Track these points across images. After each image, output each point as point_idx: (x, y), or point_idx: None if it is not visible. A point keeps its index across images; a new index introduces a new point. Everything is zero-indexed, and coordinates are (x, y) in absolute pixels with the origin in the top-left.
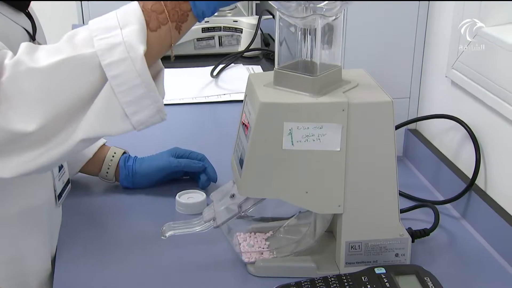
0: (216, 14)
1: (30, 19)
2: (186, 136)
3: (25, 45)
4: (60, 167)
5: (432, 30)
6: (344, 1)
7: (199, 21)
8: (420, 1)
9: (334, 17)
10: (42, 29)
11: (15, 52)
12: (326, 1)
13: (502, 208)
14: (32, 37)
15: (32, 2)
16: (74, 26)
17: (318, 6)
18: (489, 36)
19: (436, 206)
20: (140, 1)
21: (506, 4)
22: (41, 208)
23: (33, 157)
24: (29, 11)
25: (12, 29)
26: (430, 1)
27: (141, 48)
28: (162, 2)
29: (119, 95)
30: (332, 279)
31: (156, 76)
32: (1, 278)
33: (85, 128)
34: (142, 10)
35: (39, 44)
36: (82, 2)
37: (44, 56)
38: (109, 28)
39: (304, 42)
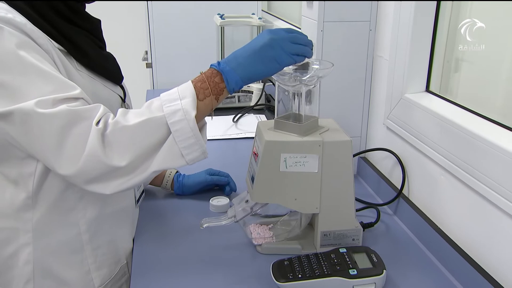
0: None
1: (122, 89)
2: (216, 161)
3: (121, 110)
4: None
5: (375, 95)
6: (319, 76)
7: (231, 94)
8: (366, 75)
9: (313, 85)
10: (129, 94)
11: (113, 111)
12: (308, 76)
13: (419, 208)
14: (123, 100)
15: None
16: (148, 91)
17: (302, 78)
18: (410, 100)
19: (378, 207)
20: (193, 81)
21: (421, 78)
22: (126, 208)
23: (123, 182)
24: (122, 84)
25: (111, 96)
26: (372, 74)
27: (193, 113)
28: (207, 82)
29: (179, 143)
30: (312, 256)
31: (202, 128)
32: (104, 252)
33: (156, 163)
34: (194, 87)
35: (128, 105)
36: (153, 75)
37: (132, 117)
38: (173, 99)
39: (294, 101)
